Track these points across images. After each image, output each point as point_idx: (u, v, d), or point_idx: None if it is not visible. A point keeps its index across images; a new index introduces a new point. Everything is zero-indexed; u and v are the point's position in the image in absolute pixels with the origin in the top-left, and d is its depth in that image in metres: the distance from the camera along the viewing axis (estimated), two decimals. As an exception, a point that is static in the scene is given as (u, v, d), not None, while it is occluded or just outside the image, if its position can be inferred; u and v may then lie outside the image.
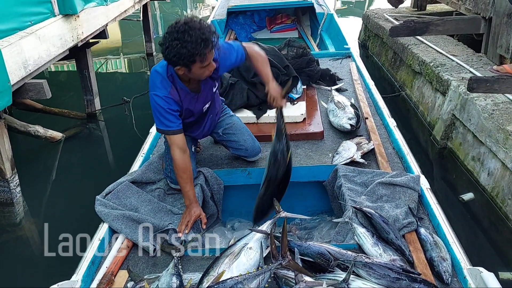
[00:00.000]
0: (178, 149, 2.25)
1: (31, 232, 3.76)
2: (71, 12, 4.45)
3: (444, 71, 4.59)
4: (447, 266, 1.88)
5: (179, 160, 2.24)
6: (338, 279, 1.75)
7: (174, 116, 2.23)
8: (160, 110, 2.21)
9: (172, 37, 1.97)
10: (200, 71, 2.10)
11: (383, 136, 2.97)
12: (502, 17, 4.37)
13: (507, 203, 3.24)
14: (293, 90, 3.44)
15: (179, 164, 2.24)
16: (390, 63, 6.41)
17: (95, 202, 2.30)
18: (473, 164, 3.78)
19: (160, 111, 2.21)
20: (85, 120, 5.52)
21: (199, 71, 2.10)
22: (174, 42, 1.96)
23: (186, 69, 2.08)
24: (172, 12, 13.75)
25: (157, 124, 2.27)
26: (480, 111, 3.67)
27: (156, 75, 2.23)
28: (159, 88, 2.20)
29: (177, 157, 2.24)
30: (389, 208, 2.21)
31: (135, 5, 6.76)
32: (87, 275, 1.90)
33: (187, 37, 1.94)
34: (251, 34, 6.65)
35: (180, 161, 2.24)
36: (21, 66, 3.68)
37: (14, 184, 3.81)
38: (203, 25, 1.99)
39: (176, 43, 1.95)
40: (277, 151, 2.37)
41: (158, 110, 2.21)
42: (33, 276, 3.12)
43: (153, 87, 2.22)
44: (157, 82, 2.21)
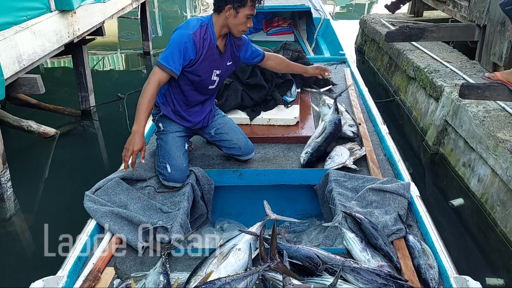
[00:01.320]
0: (158, 81, 2.25)
1: (22, 228, 3.74)
2: (68, 8, 4.43)
3: (438, 77, 4.62)
4: (434, 273, 1.89)
5: (152, 87, 2.23)
6: (325, 283, 1.76)
7: (180, 58, 2.24)
8: (173, 45, 2.24)
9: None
10: (243, 20, 2.25)
11: (375, 142, 2.99)
12: (496, 25, 4.41)
13: (495, 210, 3.28)
14: (287, 93, 3.46)
15: (151, 91, 2.23)
16: (385, 68, 6.44)
17: (84, 198, 2.28)
18: (464, 170, 3.81)
19: (173, 45, 2.24)
20: (79, 116, 5.50)
21: (242, 20, 2.25)
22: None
23: (234, 12, 2.22)
24: (171, 11, 13.72)
25: (161, 56, 2.26)
26: (471, 118, 3.70)
27: (192, 19, 2.31)
28: (187, 27, 2.26)
29: (152, 85, 2.23)
30: (378, 214, 2.22)
31: (132, 3, 6.75)
32: (73, 271, 1.89)
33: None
34: (247, 35, 6.63)
35: (153, 89, 2.24)
36: (15, 60, 3.66)
37: (5, 179, 3.79)
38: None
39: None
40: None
41: (172, 43, 2.24)
42: (22, 272, 3.10)
43: (182, 27, 2.28)
44: (190, 24, 2.28)
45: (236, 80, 3.33)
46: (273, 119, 3.21)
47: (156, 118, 2.64)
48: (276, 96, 3.35)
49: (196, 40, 2.25)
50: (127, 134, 3.26)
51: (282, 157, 2.89)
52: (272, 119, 3.21)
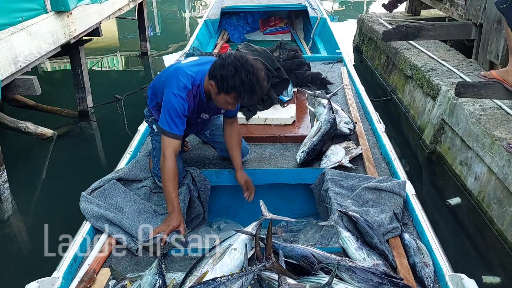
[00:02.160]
0: (173, 153, 2.19)
1: (19, 229, 3.74)
2: (64, 9, 4.43)
3: (434, 76, 4.63)
4: (430, 272, 1.90)
5: (171, 164, 2.17)
6: (321, 282, 1.77)
7: (182, 121, 2.21)
8: (172, 111, 2.17)
9: (246, 70, 2.01)
10: (222, 101, 2.15)
11: (371, 141, 3.00)
12: (492, 24, 4.41)
13: (492, 208, 3.28)
14: (283, 92, 3.46)
15: (171, 168, 2.17)
16: (383, 67, 6.45)
17: (81, 199, 2.28)
18: (461, 168, 3.81)
19: (172, 112, 2.17)
20: (77, 118, 5.49)
21: (221, 101, 2.16)
22: (244, 74, 2.00)
23: (222, 93, 2.09)
24: (170, 11, 13.71)
25: (162, 123, 2.20)
26: (468, 116, 3.70)
27: (183, 73, 2.20)
28: (179, 87, 2.18)
29: (170, 161, 2.17)
30: (374, 213, 2.23)
31: (129, 4, 6.73)
32: (69, 273, 1.89)
33: (255, 84, 2.03)
34: (244, 35, 6.66)
35: (173, 165, 2.18)
36: (11, 62, 3.66)
37: (2, 180, 3.79)
38: (266, 85, 2.14)
39: (245, 76, 2.00)
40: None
41: (171, 110, 2.18)
42: (19, 273, 3.10)
43: (174, 84, 2.19)
44: (181, 81, 2.19)
45: (232, 80, 3.33)
46: (269, 118, 3.21)
47: (150, 120, 2.63)
48: (272, 96, 3.35)
49: (189, 101, 2.23)
50: (124, 135, 3.29)
51: (279, 156, 2.89)
52: (269, 118, 3.21)
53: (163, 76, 2.34)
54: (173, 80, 2.21)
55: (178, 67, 2.29)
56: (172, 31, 11.80)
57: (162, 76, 2.37)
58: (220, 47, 5.83)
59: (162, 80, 2.32)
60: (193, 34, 5.75)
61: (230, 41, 6.43)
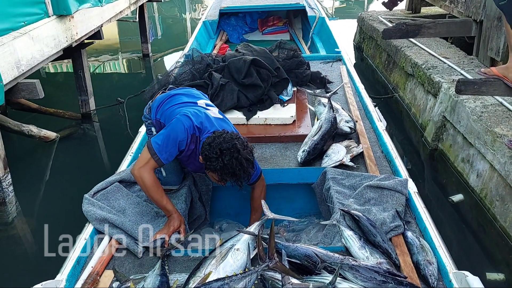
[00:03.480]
0: (151, 170, 2.17)
1: (23, 231, 3.77)
2: (65, 13, 4.45)
3: (435, 73, 4.62)
4: (433, 269, 1.91)
5: (150, 179, 2.15)
6: (324, 281, 1.77)
7: (174, 152, 2.18)
8: (172, 137, 2.15)
9: (230, 154, 2.01)
10: (211, 177, 2.17)
11: (372, 139, 3.00)
12: (492, 20, 4.41)
13: (495, 205, 3.28)
14: (283, 92, 3.47)
15: (152, 182, 2.15)
16: (384, 65, 6.44)
17: (83, 201, 2.29)
18: (463, 165, 3.81)
19: (170, 137, 2.15)
20: (79, 120, 5.52)
21: (211, 177, 2.18)
22: (228, 158, 2.01)
23: (208, 170, 2.12)
24: (171, 14, 13.72)
25: (156, 142, 2.16)
26: (469, 113, 3.70)
27: (190, 126, 2.19)
28: (191, 124, 2.19)
29: (149, 177, 2.14)
30: (376, 211, 2.23)
31: (130, 6, 6.76)
32: (72, 275, 1.90)
33: (237, 170, 2.03)
34: (243, 35, 6.67)
35: (150, 177, 2.16)
36: (13, 66, 3.69)
37: (7, 183, 3.81)
38: (251, 170, 2.12)
39: (228, 161, 2.01)
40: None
41: (172, 134, 2.16)
42: (24, 275, 3.13)
43: (190, 118, 2.20)
44: (196, 122, 2.21)
45: (231, 80, 3.34)
46: (269, 118, 3.22)
47: (148, 122, 2.61)
48: (272, 95, 3.35)
49: (188, 145, 2.22)
50: (127, 136, 3.32)
51: (279, 156, 2.90)
52: (269, 118, 3.22)
53: (182, 99, 2.36)
54: (191, 114, 2.22)
55: (204, 113, 2.27)
56: (173, 33, 11.83)
57: (180, 99, 2.39)
58: (219, 47, 5.84)
59: (180, 102, 2.34)
60: (192, 36, 5.76)
61: (229, 41, 6.44)
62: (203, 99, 2.50)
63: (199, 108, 2.34)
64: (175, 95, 2.47)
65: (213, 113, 2.35)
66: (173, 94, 2.50)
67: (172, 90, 2.60)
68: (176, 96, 2.46)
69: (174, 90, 2.60)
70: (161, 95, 2.56)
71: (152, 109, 2.52)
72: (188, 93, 2.53)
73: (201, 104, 2.41)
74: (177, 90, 2.58)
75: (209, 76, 3.42)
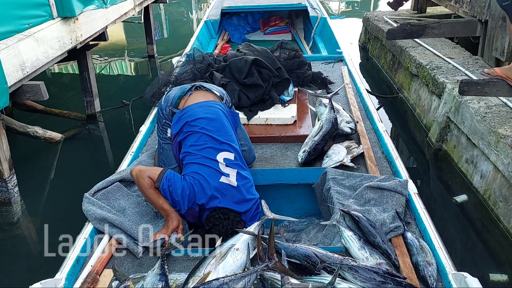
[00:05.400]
0: (150, 175, 2.20)
1: (29, 231, 3.81)
2: (70, 15, 4.48)
3: (440, 74, 4.60)
4: (433, 270, 1.90)
5: (147, 181, 2.19)
6: (324, 281, 1.77)
7: (174, 196, 2.20)
8: (179, 193, 2.19)
9: (220, 216, 2.17)
10: None
11: (372, 140, 2.99)
12: (497, 20, 4.38)
13: (498, 206, 3.26)
14: (284, 92, 3.47)
15: (148, 185, 2.19)
16: (389, 65, 6.42)
17: (83, 200, 2.30)
18: (467, 166, 3.79)
19: (178, 192, 2.19)
20: (84, 121, 5.56)
21: None
22: (218, 221, 2.17)
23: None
24: (177, 13, 13.75)
25: (168, 179, 2.18)
26: (473, 114, 3.68)
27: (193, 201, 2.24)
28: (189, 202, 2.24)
29: (146, 184, 2.19)
30: (376, 212, 2.23)
31: (135, 8, 6.79)
32: (72, 274, 1.91)
33: (221, 227, 2.16)
34: (245, 35, 6.66)
35: (148, 182, 2.19)
36: (18, 68, 3.72)
37: (12, 184, 3.86)
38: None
39: (217, 221, 2.17)
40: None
41: (179, 192, 2.19)
42: (29, 274, 3.16)
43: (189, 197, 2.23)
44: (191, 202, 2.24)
45: (233, 80, 3.35)
46: (270, 118, 3.22)
47: (163, 123, 2.57)
48: (273, 96, 3.36)
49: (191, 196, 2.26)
50: (132, 137, 3.33)
51: (280, 156, 2.90)
52: (270, 118, 3.22)
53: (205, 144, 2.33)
54: (197, 191, 2.20)
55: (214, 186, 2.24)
56: (178, 33, 11.85)
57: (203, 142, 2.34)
58: (221, 47, 5.84)
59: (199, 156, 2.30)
60: (193, 35, 5.78)
61: (230, 41, 6.43)
62: (225, 150, 2.34)
63: (212, 173, 2.25)
64: (197, 132, 2.35)
65: (227, 180, 2.27)
66: (197, 128, 2.37)
67: (195, 107, 2.45)
68: (200, 135, 2.35)
69: (197, 111, 2.43)
70: (188, 108, 2.45)
71: (174, 118, 2.46)
72: (212, 130, 2.37)
73: (219, 160, 2.30)
74: (201, 121, 2.39)
75: (210, 76, 3.43)
